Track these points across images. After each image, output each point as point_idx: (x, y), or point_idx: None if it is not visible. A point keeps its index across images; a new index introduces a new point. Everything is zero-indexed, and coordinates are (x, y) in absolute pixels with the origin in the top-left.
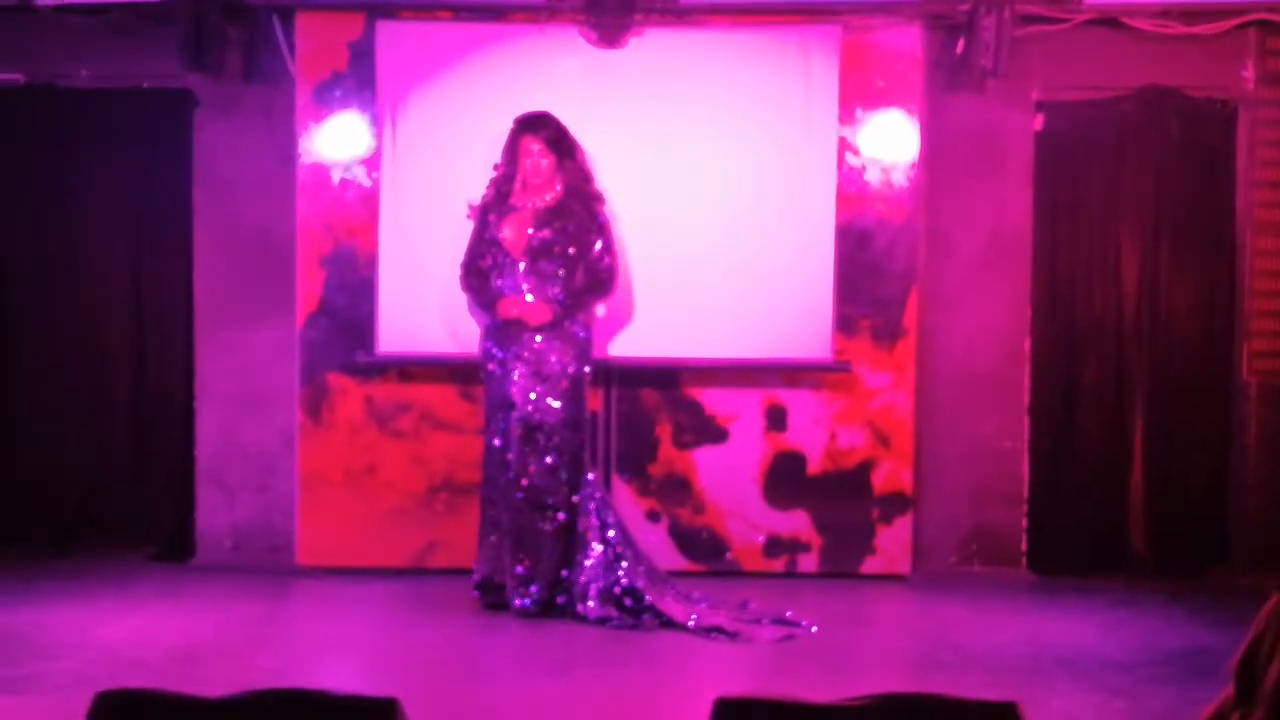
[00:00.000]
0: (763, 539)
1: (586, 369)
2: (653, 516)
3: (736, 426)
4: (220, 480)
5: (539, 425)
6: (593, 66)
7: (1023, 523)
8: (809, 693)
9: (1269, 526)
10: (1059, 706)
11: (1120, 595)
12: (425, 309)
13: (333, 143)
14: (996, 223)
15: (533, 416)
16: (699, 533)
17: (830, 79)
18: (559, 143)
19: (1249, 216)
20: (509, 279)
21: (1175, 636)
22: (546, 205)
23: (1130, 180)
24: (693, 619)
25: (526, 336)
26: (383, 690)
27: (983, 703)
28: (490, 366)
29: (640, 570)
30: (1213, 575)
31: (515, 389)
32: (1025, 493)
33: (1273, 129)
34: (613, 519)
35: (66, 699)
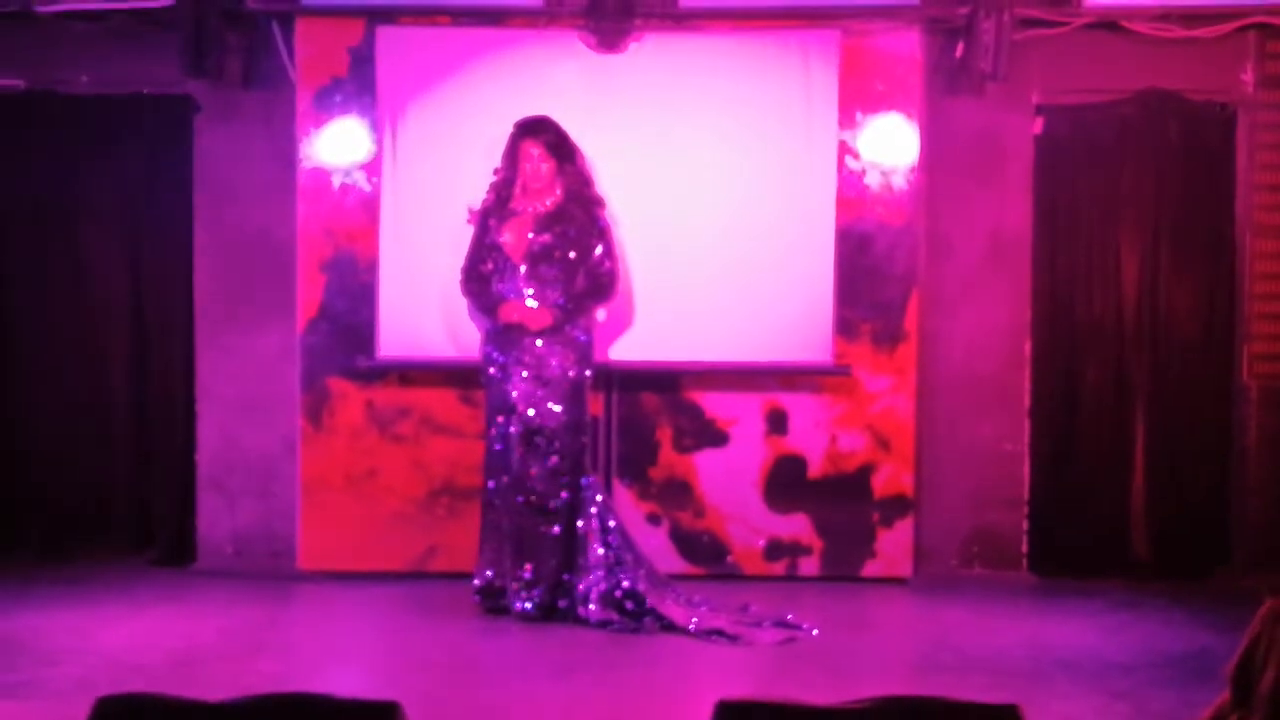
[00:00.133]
0: (763, 542)
1: (587, 373)
2: (653, 520)
3: (737, 430)
4: (221, 485)
5: (540, 429)
6: (593, 71)
7: (1023, 525)
8: (810, 696)
9: (1270, 529)
10: (1060, 709)
11: (1121, 598)
12: (426, 313)
13: (333, 148)
14: (996, 226)
15: (534, 420)
16: (700, 536)
17: (830, 83)
18: (559, 147)
19: (1248, 219)
20: (509, 283)
21: (1176, 639)
22: (547, 210)
23: (1130, 183)
24: (694, 622)
25: (527, 341)
26: (384, 694)
27: (984, 705)
28: (491, 371)
29: (641, 574)
30: (1214, 577)
31: (516, 393)
32: (1026, 495)
33: (1272, 132)
34: (614, 522)
35: (67, 704)
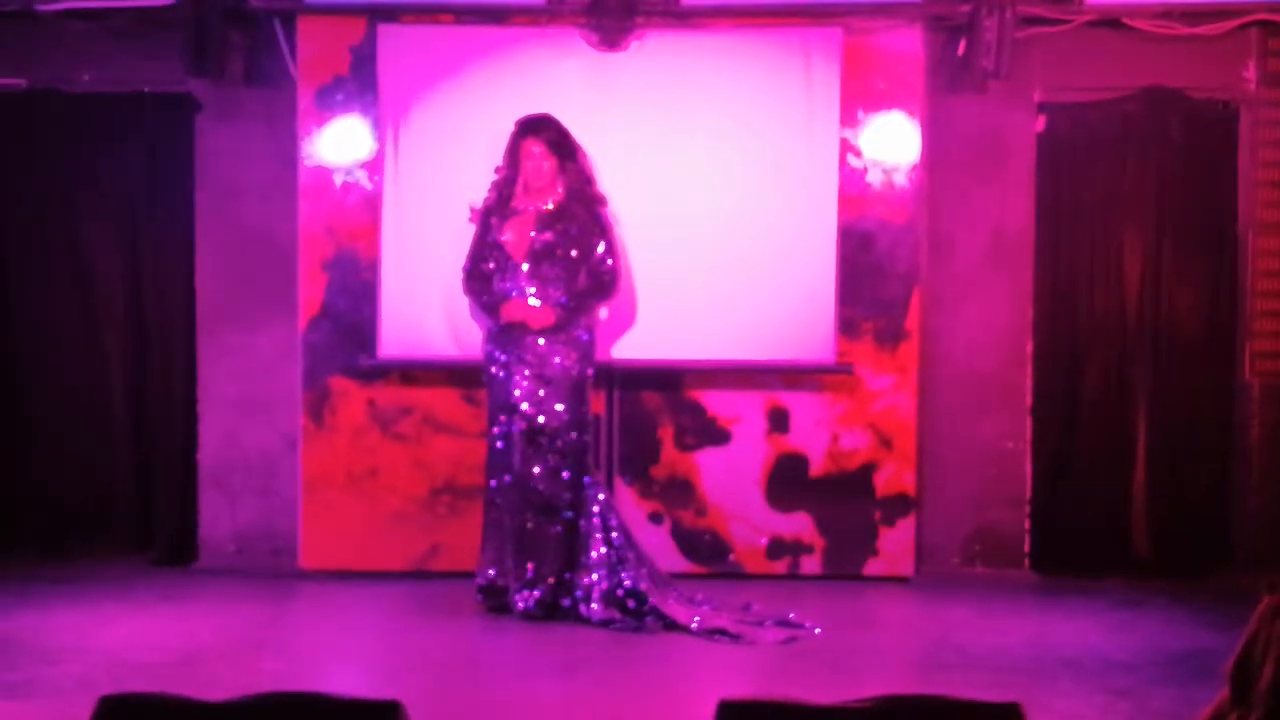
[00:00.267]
0: (765, 541)
1: (589, 371)
2: (655, 519)
3: (739, 428)
4: (223, 484)
5: (542, 428)
6: (594, 69)
7: (1025, 524)
8: (812, 694)
9: (1271, 527)
10: (1062, 708)
11: (1123, 596)
12: (427, 312)
13: (334, 146)
14: (998, 224)
15: (536, 419)
16: (701, 535)
17: (831, 81)
18: (560, 145)
19: (1251, 217)
20: (511, 282)
21: (1178, 637)
22: (549, 208)
23: (1132, 181)
24: (696, 621)
25: (529, 339)
26: (385, 693)
27: (986, 704)
28: (493, 369)
29: (643, 572)
30: (1215, 576)
31: (518, 392)
32: (1028, 494)
33: (1274, 129)
34: (615, 521)
35: (69, 703)
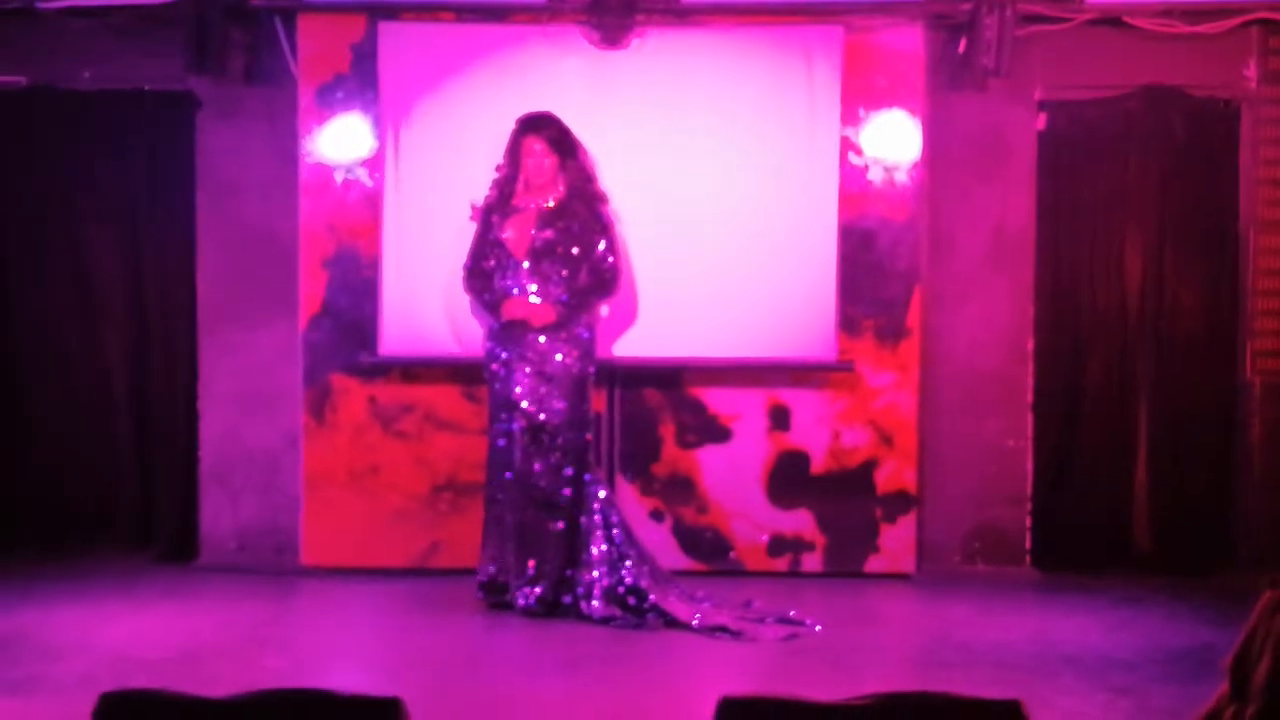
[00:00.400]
0: (766, 538)
1: (590, 369)
2: (656, 516)
3: (740, 426)
4: (224, 481)
5: (543, 425)
6: (595, 67)
7: (1027, 521)
8: (813, 692)
9: (1273, 524)
10: (1064, 705)
11: (1124, 593)
12: (428, 310)
13: (335, 144)
14: (999, 222)
15: (537, 417)
16: (702, 532)
17: (832, 79)
18: (561, 143)
19: (1252, 215)
20: (512, 280)
21: (1179, 634)
22: (549, 206)
23: (1133, 179)
24: (697, 618)
25: (530, 337)
26: (387, 690)
27: (988, 701)
28: (494, 367)
29: (644, 570)
30: (1217, 573)
31: (519, 389)
32: (1029, 491)
33: (1275, 128)
34: (616, 518)
35: (70, 700)
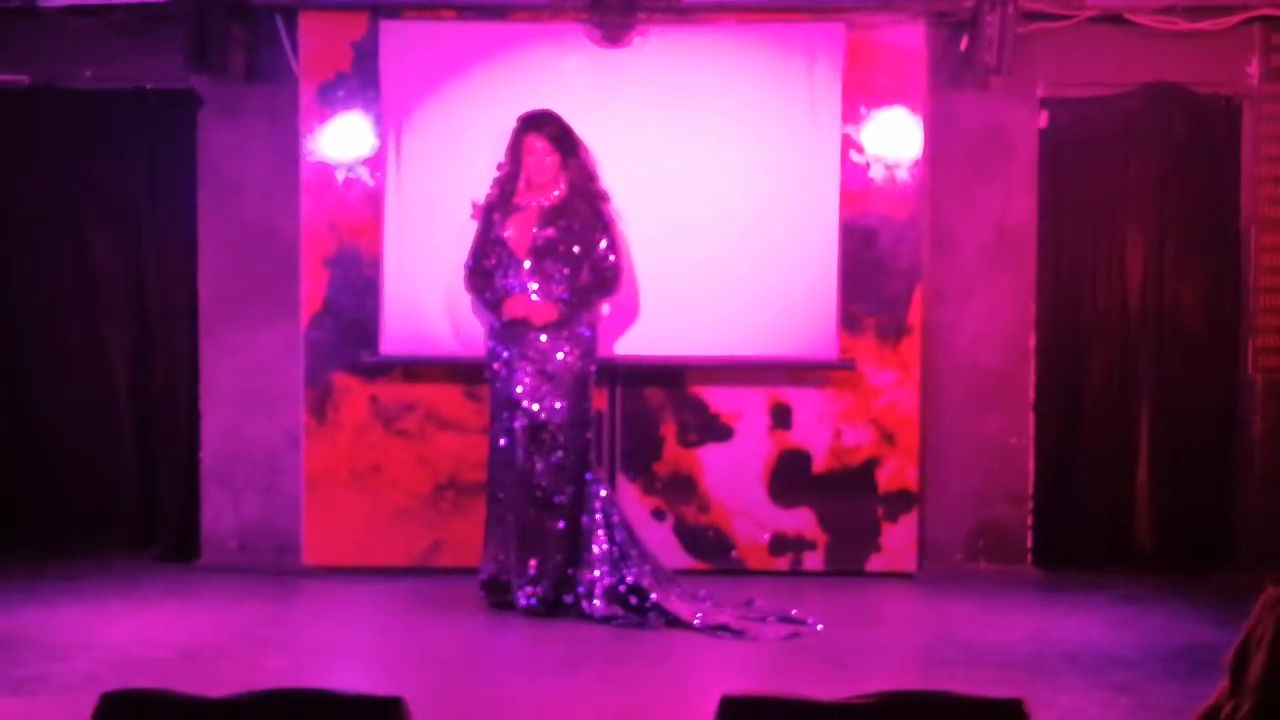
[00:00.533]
0: (768, 537)
1: (592, 368)
2: (658, 515)
3: (741, 425)
4: (226, 480)
5: (544, 424)
6: (596, 65)
7: (1028, 519)
8: (815, 691)
9: (1274, 522)
10: (1065, 703)
11: (1126, 591)
12: (430, 309)
13: (336, 143)
14: (1001, 220)
15: (538, 415)
16: (704, 531)
17: (834, 77)
18: (563, 141)
19: (1254, 213)
20: (514, 278)
21: (1181, 632)
22: (551, 204)
23: (1135, 177)
24: (698, 617)
25: (532, 336)
26: (388, 689)
27: (989, 700)
28: (495, 366)
29: (646, 569)
30: (1218, 571)
31: (521, 388)
32: (1031, 489)
33: (1277, 125)
34: (618, 517)
35: (72, 700)
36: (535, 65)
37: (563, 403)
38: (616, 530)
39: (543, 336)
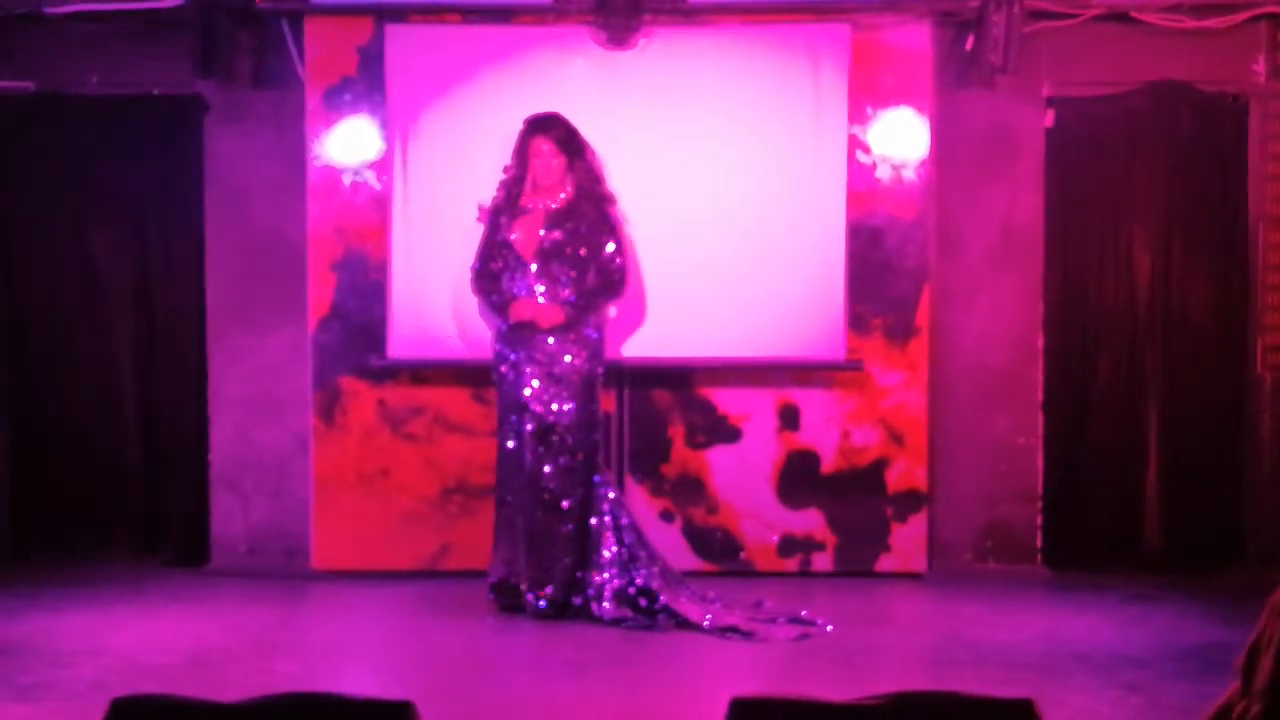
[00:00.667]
0: (777, 538)
1: (599, 370)
2: (666, 516)
3: (749, 426)
4: (234, 485)
5: (552, 427)
6: (602, 67)
7: (1037, 519)
8: (825, 692)
9: None
10: (1075, 703)
11: (1135, 591)
12: (437, 312)
13: (343, 147)
14: (1008, 219)
15: (546, 418)
16: (713, 532)
17: (840, 77)
18: (569, 143)
19: (1261, 211)
20: (520, 281)
21: (1191, 632)
22: (557, 206)
23: (1142, 176)
24: (708, 619)
25: (539, 338)
26: (398, 693)
27: (999, 700)
28: (503, 369)
29: (655, 570)
30: (1227, 570)
31: (529, 391)
32: (1040, 489)
33: None
34: (626, 519)
35: (81, 705)
36: (540, 68)
37: (571, 405)
38: (625, 532)
39: (550, 339)
